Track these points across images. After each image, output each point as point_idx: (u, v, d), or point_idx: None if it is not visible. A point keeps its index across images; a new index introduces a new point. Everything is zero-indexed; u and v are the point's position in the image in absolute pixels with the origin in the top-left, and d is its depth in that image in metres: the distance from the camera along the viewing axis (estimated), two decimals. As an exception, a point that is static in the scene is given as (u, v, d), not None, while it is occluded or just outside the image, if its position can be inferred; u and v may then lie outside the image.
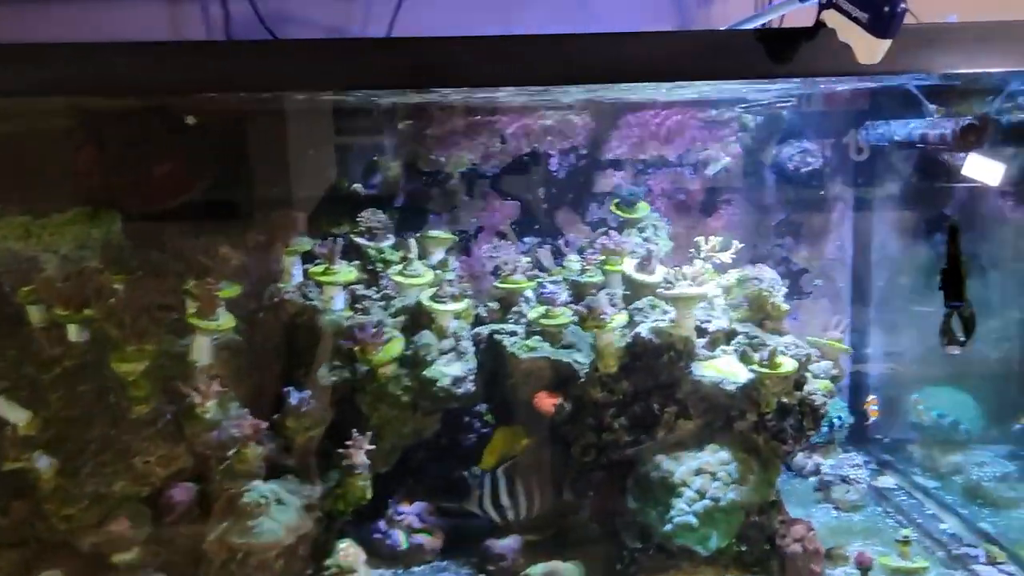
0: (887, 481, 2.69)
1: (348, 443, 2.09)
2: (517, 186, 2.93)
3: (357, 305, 2.43)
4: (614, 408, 2.20)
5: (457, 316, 2.37)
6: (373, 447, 2.17)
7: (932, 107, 2.37)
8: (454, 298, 2.34)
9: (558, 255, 2.76)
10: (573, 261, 2.70)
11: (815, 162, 2.77)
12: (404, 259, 2.49)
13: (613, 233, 2.64)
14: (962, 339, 1.96)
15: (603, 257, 2.56)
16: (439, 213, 2.84)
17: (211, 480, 2.01)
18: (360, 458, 2.15)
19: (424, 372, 2.22)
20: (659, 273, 2.40)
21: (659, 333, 2.23)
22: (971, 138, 2.13)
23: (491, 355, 2.43)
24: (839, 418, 2.83)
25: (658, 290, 2.27)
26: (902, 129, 2.42)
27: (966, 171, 2.42)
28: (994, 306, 2.80)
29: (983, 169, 2.40)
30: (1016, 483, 2.53)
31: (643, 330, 2.25)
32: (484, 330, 2.46)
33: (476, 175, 2.91)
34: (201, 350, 2.04)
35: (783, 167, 2.84)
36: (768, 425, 2.21)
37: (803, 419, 2.23)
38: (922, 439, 2.78)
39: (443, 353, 2.32)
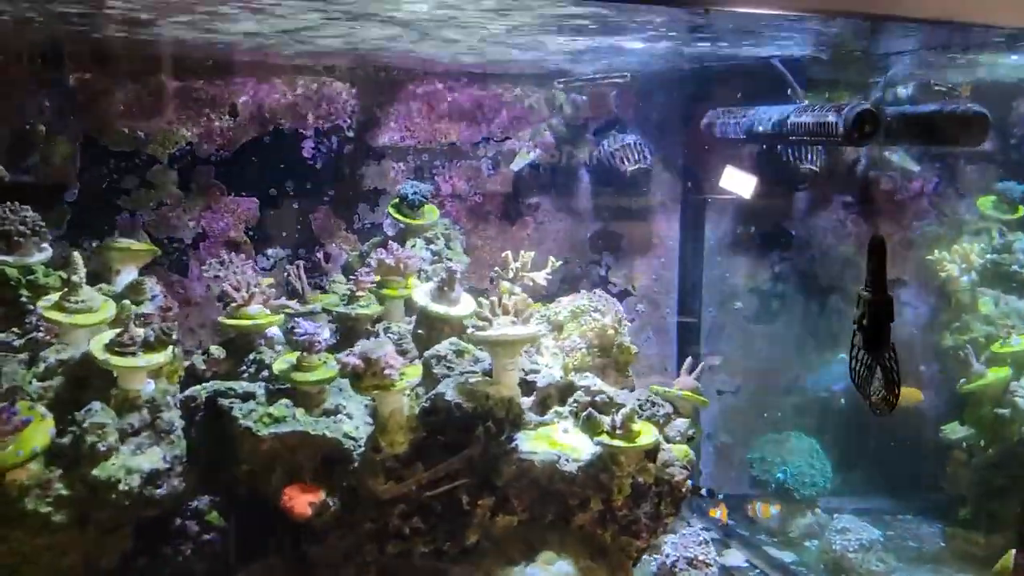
0: (735, 557, 2.18)
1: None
2: (256, 178, 2.12)
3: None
4: (404, 504, 1.59)
5: (156, 373, 1.51)
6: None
7: (801, 91, 1.88)
8: (149, 345, 1.48)
9: (318, 274, 1.99)
10: (340, 283, 1.94)
11: (642, 159, 2.19)
12: (66, 283, 1.58)
13: (393, 244, 1.91)
14: (878, 395, 1.42)
15: (379, 278, 1.82)
16: (134, 212, 1.95)
17: None
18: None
19: (93, 471, 1.34)
20: (465, 303, 1.69)
21: (471, 394, 1.53)
22: (866, 128, 1.64)
23: (213, 430, 1.60)
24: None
25: (469, 330, 1.55)
26: (763, 118, 1.91)
27: (722, 183, 2.20)
28: (836, 333, 2.41)
29: (737, 182, 2.19)
30: (884, 553, 2.10)
31: (447, 390, 1.53)
32: (201, 392, 1.61)
33: (195, 160, 2.06)
34: None
35: (603, 165, 2.25)
36: (618, 515, 1.60)
37: (660, 502, 1.65)
38: (765, 496, 2.30)
39: (130, 435, 1.45)
